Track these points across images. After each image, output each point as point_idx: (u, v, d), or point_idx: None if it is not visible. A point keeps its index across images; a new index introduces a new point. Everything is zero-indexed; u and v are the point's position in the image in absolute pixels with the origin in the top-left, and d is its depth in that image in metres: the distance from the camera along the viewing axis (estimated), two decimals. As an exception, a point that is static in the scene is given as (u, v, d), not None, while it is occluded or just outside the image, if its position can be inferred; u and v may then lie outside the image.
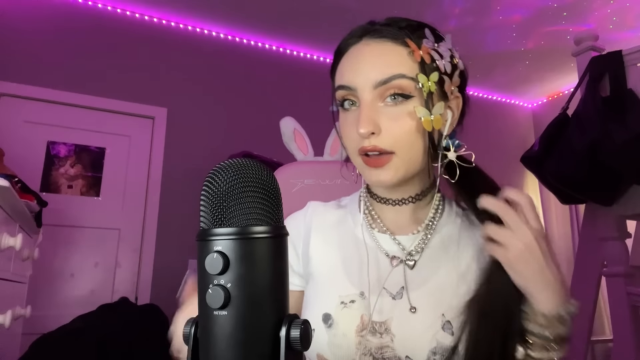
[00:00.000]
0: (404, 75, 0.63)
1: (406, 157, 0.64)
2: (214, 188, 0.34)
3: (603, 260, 1.68)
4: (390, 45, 0.65)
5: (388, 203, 0.72)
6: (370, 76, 0.63)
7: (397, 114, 0.63)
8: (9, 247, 1.31)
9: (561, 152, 1.59)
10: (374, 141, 0.63)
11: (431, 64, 0.65)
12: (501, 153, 4.11)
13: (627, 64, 1.61)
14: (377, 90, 0.63)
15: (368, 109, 0.63)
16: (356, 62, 0.66)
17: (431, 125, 0.63)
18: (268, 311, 0.33)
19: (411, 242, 0.70)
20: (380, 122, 0.63)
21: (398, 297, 0.65)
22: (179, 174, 2.92)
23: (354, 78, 0.65)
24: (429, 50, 0.65)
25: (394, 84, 0.63)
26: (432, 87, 0.64)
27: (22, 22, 2.76)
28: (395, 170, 0.64)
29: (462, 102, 0.73)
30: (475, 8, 3.04)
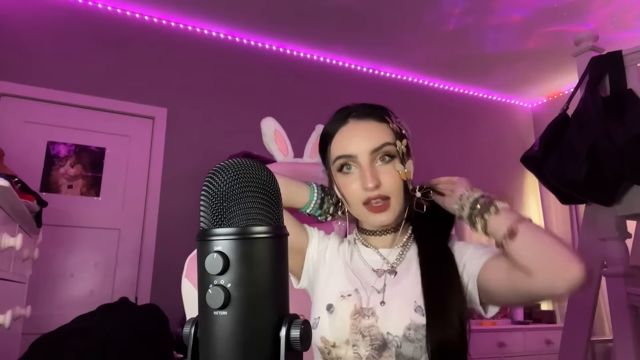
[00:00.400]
0: (389, 143, 0.89)
1: (398, 200, 0.89)
2: (214, 188, 0.34)
3: (603, 260, 1.68)
4: (375, 123, 0.91)
5: (376, 234, 0.95)
6: (367, 145, 0.88)
7: (388, 170, 0.88)
8: (9, 247, 1.31)
9: (561, 152, 1.59)
10: (378, 192, 0.86)
11: (400, 132, 0.91)
12: (501, 153, 4.12)
13: (627, 64, 1.61)
14: (373, 154, 0.88)
15: (369, 169, 0.87)
16: (352, 136, 0.90)
17: (406, 176, 0.89)
18: (268, 311, 0.33)
19: (392, 254, 0.94)
20: (379, 177, 0.87)
21: (382, 292, 0.88)
22: (179, 174, 2.92)
23: (354, 148, 0.88)
24: (398, 123, 0.93)
25: (384, 149, 0.88)
26: (404, 149, 0.90)
27: (22, 22, 2.76)
28: (393, 211, 0.88)
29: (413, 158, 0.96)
30: (475, 8, 3.04)
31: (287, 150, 1.59)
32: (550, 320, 3.61)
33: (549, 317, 3.63)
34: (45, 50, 2.77)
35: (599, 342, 2.96)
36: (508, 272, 0.78)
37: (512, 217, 0.80)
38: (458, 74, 3.86)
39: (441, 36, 3.32)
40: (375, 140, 0.88)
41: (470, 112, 4.13)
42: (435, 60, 3.65)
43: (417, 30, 3.24)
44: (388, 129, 0.90)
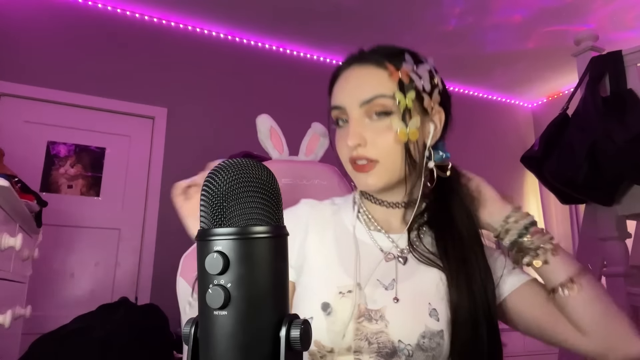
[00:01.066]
0: (383, 95, 0.74)
1: (389, 165, 0.75)
2: (214, 188, 0.34)
3: (603, 260, 1.68)
4: (373, 70, 0.76)
5: (382, 204, 0.81)
6: (356, 96, 0.75)
7: (379, 128, 0.74)
8: (9, 247, 1.31)
9: (561, 152, 1.59)
10: (361, 151, 0.74)
11: (410, 84, 0.75)
12: (501, 153, 4.11)
13: (627, 64, 1.61)
14: (363, 108, 0.75)
15: (355, 125, 0.74)
16: (345, 85, 0.78)
17: (406, 136, 0.73)
18: (268, 311, 0.33)
19: (403, 239, 0.80)
20: (366, 135, 0.74)
21: (390, 288, 0.74)
22: (179, 174, 2.90)
23: (343, 99, 0.77)
24: (407, 72, 0.75)
25: (377, 102, 0.74)
26: (409, 104, 0.73)
27: (22, 22, 2.76)
28: (379, 176, 0.75)
29: (444, 116, 0.80)
30: (475, 8, 3.04)
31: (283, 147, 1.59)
32: (550, 320, 3.60)
33: (549, 317, 3.63)
34: (46, 50, 2.77)
35: (599, 342, 2.95)
36: (554, 317, 0.72)
37: (572, 264, 0.73)
38: (458, 74, 3.85)
39: (441, 36, 3.32)
40: (365, 91, 0.74)
41: (470, 112, 4.13)
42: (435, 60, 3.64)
43: (417, 30, 3.24)
44: (387, 78, 0.74)
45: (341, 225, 0.82)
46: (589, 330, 0.70)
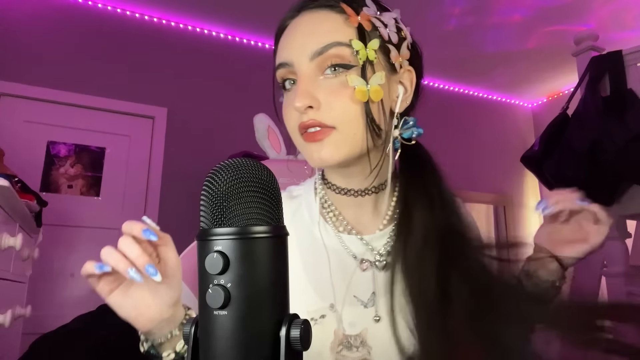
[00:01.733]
0: (339, 43, 0.58)
1: (348, 132, 0.59)
2: (214, 188, 0.34)
3: (603, 260, 1.68)
4: (326, 14, 0.61)
5: (349, 194, 0.66)
6: (305, 47, 0.59)
7: (336, 86, 0.59)
8: (9, 247, 1.31)
9: (561, 152, 1.59)
10: (313, 115, 0.58)
11: (373, 32, 0.60)
12: (501, 153, 4.11)
13: (627, 64, 1.61)
14: (315, 61, 0.59)
15: (305, 82, 0.59)
16: (292, 36, 0.62)
17: (367, 95, 0.58)
18: (268, 311, 0.33)
19: (379, 240, 0.65)
20: (319, 95, 0.59)
21: (370, 305, 0.61)
22: (179, 174, 2.92)
23: (289, 53, 0.61)
24: (368, 17, 0.60)
25: (331, 53, 0.58)
26: (371, 55, 0.59)
27: (22, 22, 2.75)
28: (336, 146, 0.59)
29: (415, 77, 0.66)
30: (475, 8, 3.04)
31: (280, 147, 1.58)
32: (550, 320, 3.60)
33: (549, 317, 3.63)
34: (45, 50, 2.77)
35: (599, 342, 2.95)
36: None
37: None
38: (458, 73, 3.86)
39: (441, 36, 3.32)
40: (316, 40, 0.59)
41: (470, 112, 4.13)
42: (436, 60, 3.65)
43: (417, 30, 3.23)
44: (344, 24, 0.59)
45: (304, 227, 0.67)
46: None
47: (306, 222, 0.68)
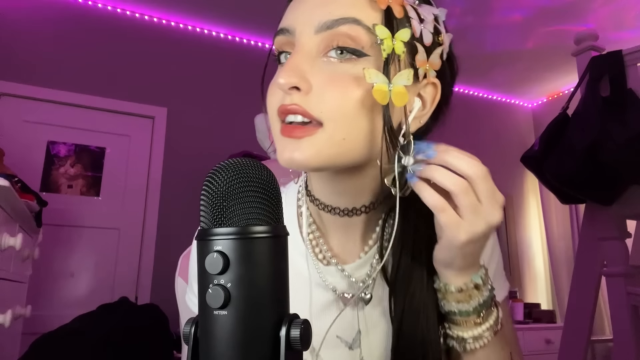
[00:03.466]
0: (357, 21, 0.46)
1: (336, 135, 0.46)
2: (214, 188, 0.34)
3: (603, 260, 1.68)
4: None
5: (334, 213, 0.54)
6: (313, 16, 0.47)
7: (338, 73, 0.46)
8: (9, 247, 1.31)
9: (561, 151, 1.59)
10: (298, 99, 0.46)
11: (404, 20, 0.48)
12: (501, 153, 4.11)
13: (627, 64, 1.61)
14: (320, 36, 0.47)
15: (300, 56, 0.47)
16: (300, 2, 0.50)
17: (387, 97, 0.45)
18: (268, 311, 0.33)
19: (360, 269, 0.55)
20: (313, 78, 0.46)
21: (355, 346, 0.53)
22: (179, 174, 2.92)
23: (294, 18, 0.49)
24: (403, 2, 0.48)
25: (342, 30, 0.46)
26: (399, 48, 0.46)
27: (22, 22, 2.76)
28: (317, 149, 0.46)
29: (439, 95, 0.52)
30: (475, 8, 3.04)
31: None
32: (550, 320, 3.61)
33: (548, 317, 3.64)
34: (45, 50, 2.77)
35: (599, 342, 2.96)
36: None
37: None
38: (458, 73, 3.85)
39: (441, 36, 3.32)
40: (329, 10, 0.47)
41: (470, 112, 4.13)
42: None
43: (417, 30, 3.24)
44: (369, 2, 0.47)
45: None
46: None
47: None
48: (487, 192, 0.45)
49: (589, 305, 1.70)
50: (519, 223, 4.10)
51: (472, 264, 0.48)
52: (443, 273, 0.49)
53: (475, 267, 0.49)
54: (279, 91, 0.48)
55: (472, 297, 0.48)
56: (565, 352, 1.74)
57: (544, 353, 3.30)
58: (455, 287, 0.48)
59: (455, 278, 0.48)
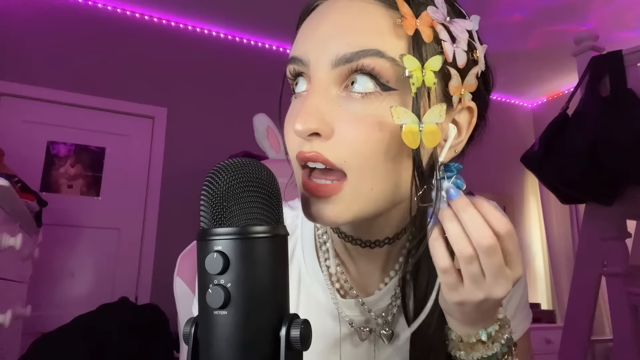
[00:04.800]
0: (380, 53, 0.40)
1: (364, 185, 0.42)
2: (214, 188, 0.34)
3: (603, 260, 1.68)
4: (372, 6, 0.43)
5: (355, 243, 0.49)
6: (329, 47, 0.42)
7: (361, 115, 0.41)
8: (9, 247, 1.31)
9: (561, 151, 1.59)
10: (318, 147, 0.42)
11: (433, 46, 0.42)
12: (501, 153, 4.11)
13: (627, 64, 1.61)
14: (337, 70, 0.42)
15: (317, 96, 0.42)
16: (316, 26, 0.44)
17: (418, 139, 0.40)
18: (268, 311, 0.33)
19: (379, 301, 0.51)
20: (333, 119, 0.42)
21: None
22: (179, 174, 2.92)
23: (308, 48, 0.44)
24: (432, 22, 0.42)
25: (364, 63, 0.41)
26: (429, 80, 0.40)
27: (22, 22, 2.75)
28: (345, 205, 0.42)
29: (475, 118, 0.47)
30: (475, 8, 3.02)
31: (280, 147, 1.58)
32: (550, 320, 3.61)
33: (549, 317, 3.63)
34: (45, 50, 2.77)
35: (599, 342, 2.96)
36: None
37: None
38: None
39: (441, 36, 3.32)
40: (348, 41, 0.41)
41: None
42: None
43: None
44: (394, 27, 0.42)
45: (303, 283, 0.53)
46: None
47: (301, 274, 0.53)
48: (493, 266, 0.39)
49: (589, 305, 1.70)
50: (519, 223, 4.10)
51: (478, 320, 0.44)
52: (446, 317, 0.46)
53: (486, 323, 0.44)
54: (296, 136, 0.43)
55: (473, 349, 0.45)
56: (565, 352, 1.74)
57: (544, 353, 3.30)
58: (455, 336, 0.45)
59: (457, 327, 0.45)
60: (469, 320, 0.43)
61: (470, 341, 0.44)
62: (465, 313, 0.42)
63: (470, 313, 0.42)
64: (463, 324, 0.44)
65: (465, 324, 0.44)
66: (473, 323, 0.44)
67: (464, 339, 0.45)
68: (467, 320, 0.43)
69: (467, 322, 0.44)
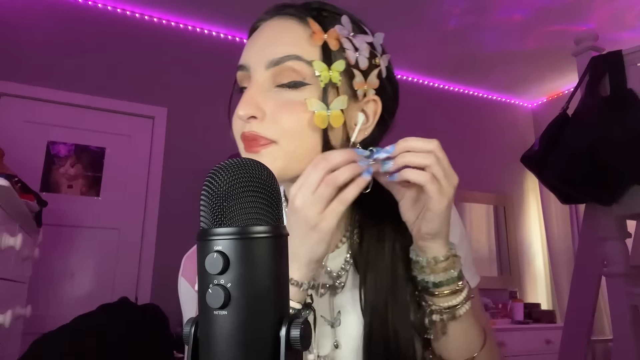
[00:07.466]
0: (298, 57, 0.56)
1: (289, 148, 0.56)
2: (214, 188, 0.34)
3: (603, 260, 1.68)
4: (294, 24, 0.59)
5: None
6: (264, 54, 0.58)
7: (288, 100, 0.56)
8: (9, 247, 1.31)
9: (561, 151, 1.59)
10: (256, 127, 0.57)
11: (339, 52, 0.57)
12: (501, 153, 4.11)
13: (627, 64, 1.61)
14: (271, 71, 0.57)
15: (254, 90, 0.57)
16: (255, 40, 0.61)
17: (326, 121, 0.55)
18: (268, 311, 0.34)
19: (335, 259, 0.63)
20: (266, 106, 0.57)
21: (337, 325, 0.61)
22: (179, 174, 2.92)
23: (249, 56, 0.60)
24: (338, 36, 0.57)
25: (287, 65, 0.56)
26: (335, 77, 0.56)
27: (22, 22, 2.76)
28: (274, 159, 0.56)
29: (380, 109, 0.61)
30: (475, 8, 3.04)
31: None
32: (550, 320, 3.61)
33: (549, 317, 3.64)
34: (45, 50, 2.77)
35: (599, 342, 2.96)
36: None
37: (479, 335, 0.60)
38: (458, 73, 3.86)
39: (441, 36, 3.32)
40: (276, 49, 0.57)
41: (470, 112, 4.13)
42: (435, 60, 3.65)
43: (417, 29, 3.24)
44: (309, 39, 0.57)
45: None
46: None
47: None
48: (446, 160, 0.52)
49: (589, 305, 1.70)
50: (519, 223, 4.10)
51: (448, 233, 0.56)
52: (431, 246, 0.55)
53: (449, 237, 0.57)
54: (238, 119, 0.59)
55: (454, 263, 0.56)
56: (565, 352, 1.74)
57: (544, 353, 3.30)
58: (443, 256, 0.55)
59: (442, 248, 0.55)
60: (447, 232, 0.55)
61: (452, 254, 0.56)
62: (446, 222, 0.54)
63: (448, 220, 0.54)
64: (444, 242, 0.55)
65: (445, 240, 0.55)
66: (447, 238, 0.55)
67: (449, 255, 0.56)
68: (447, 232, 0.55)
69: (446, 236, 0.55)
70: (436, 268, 0.55)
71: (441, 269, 0.55)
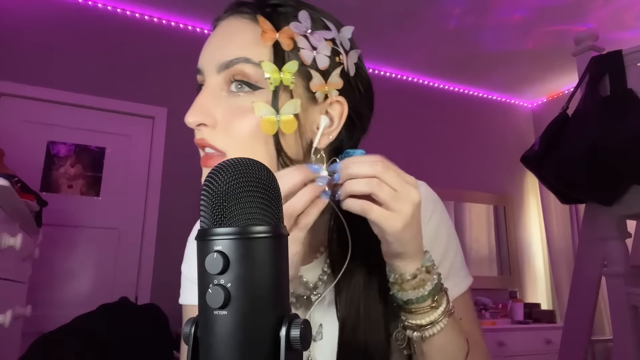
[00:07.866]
0: (246, 60, 0.52)
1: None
2: (214, 188, 0.34)
3: (603, 260, 1.68)
4: (246, 24, 0.54)
5: None
6: (215, 57, 0.54)
7: (239, 106, 0.52)
8: (9, 247, 1.31)
9: (561, 151, 1.59)
10: (207, 135, 0.54)
11: (293, 53, 0.52)
12: (501, 153, 4.11)
13: (627, 63, 1.61)
14: (222, 75, 0.53)
15: (205, 95, 0.53)
16: (209, 41, 0.57)
17: (276, 127, 0.51)
18: (268, 311, 0.33)
19: (311, 270, 0.61)
20: (217, 113, 0.53)
21: (318, 338, 0.59)
22: (179, 174, 2.92)
23: (202, 59, 0.57)
24: (292, 34, 0.52)
25: (237, 68, 0.52)
26: (287, 80, 0.51)
27: (22, 22, 2.76)
28: None
29: (346, 110, 0.56)
30: (475, 8, 3.04)
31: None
32: (550, 320, 3.61)
33: (549, 317, 3.64)
34: (46, 50, 2.77)
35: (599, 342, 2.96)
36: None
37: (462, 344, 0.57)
38: (458, 73, 3.86)
39: (441, 36, 3.32)
40: (227, 52, 0.53)
41: (470, 112, 4.13)
42: (435, 60, 3.65)
43: (417, 29, 3.24)
44: (257, 37, 0.52)
45: None
46: None
47: None
48: (395, 179, 0.48)
49: (589, 305, 1.70)
50: (519, 223, 4.10)
51: (418, 250, 0.52)
52: (397, 265, 0.52)
53: (421, 253, 0.53)
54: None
55: (425, 281, 0.52)
56: (565, 352, 1.74)
57: (544, 353, 3.30)
58: (410, 274, 0.52)
59: (408, 266, 0.52)
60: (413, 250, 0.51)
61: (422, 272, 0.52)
62: (409, 242, 0.50)
63: (413, 238, 0.50)
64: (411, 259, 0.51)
65: (412, 258, 0.51)
66: (415, 255, 0.51)
67: (417, 273, 0.52)
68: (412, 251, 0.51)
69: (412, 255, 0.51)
70: (404, 286, 0.52)
71: (410, 287, 0.52)
